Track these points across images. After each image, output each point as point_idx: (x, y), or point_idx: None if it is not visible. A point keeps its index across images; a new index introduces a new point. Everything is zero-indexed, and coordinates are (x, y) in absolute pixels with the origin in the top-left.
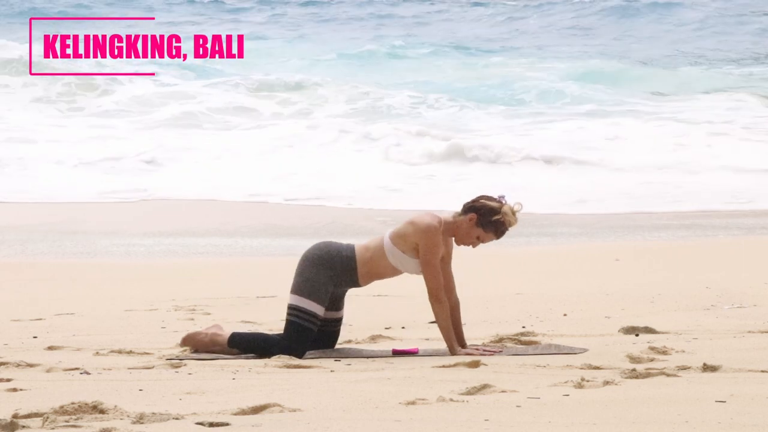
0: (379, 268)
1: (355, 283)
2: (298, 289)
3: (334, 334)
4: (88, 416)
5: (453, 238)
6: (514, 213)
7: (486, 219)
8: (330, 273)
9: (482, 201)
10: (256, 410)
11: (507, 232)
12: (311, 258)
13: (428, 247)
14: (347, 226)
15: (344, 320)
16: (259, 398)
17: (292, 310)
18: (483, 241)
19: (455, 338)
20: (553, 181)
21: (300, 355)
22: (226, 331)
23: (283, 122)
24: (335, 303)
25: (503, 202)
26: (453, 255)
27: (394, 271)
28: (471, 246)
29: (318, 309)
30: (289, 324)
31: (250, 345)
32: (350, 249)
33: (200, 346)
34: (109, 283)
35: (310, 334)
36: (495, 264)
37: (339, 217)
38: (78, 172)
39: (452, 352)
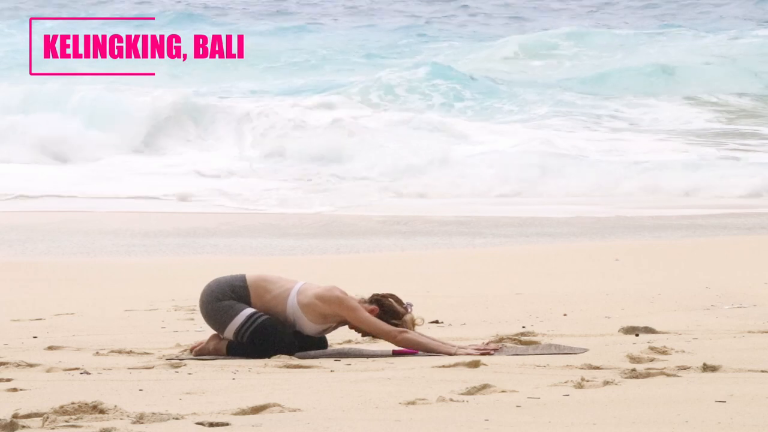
0: (274, 314)
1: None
2: (222, 323)
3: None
4: (88, 416)
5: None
6: (413, 324)
7: (385, 318)
8: (230, 297)
9: (390, 300)
10: (256, 410)
11: None
12: (207, 300)
13: (350, 309)
14: (347, 226)
15: None
16: (259, 398)
17: (238, 332)
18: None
19: (442, 343)
20: None
21: (290, 347)
22: (223, 342)
23: None
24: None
25: (408, 310)
26: (450, 254)
27: (286, 322)
28: (360, 334)
29: (250, 310)
30: (251, 339)
31: (245, 350)
32: (241, 279)
33: (205, 354)
34: (109, 283)
35: (268, 323)
36: (495, 264)
37: (339, 218)
38: None
39: (450, 354)
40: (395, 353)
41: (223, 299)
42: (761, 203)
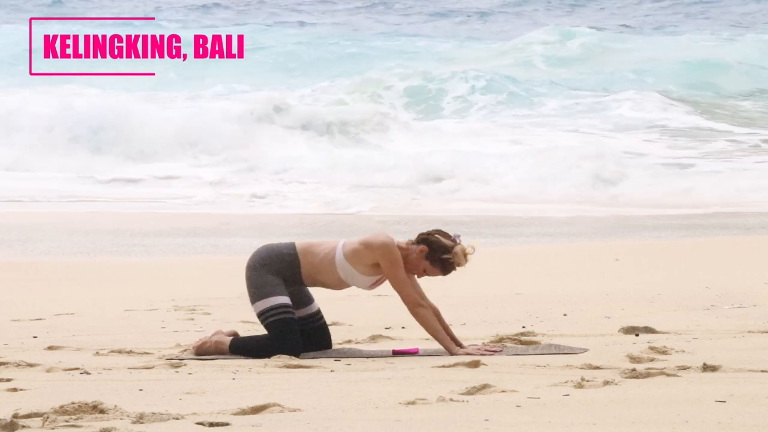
0: (326, 277)
1: (300, 282)
2: (255, 296)
3: (320, 329)
4: (88, 416)
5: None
6: (465, 255)
7: (436, 255)
8: (274, 271)
9: (437, 236)
10: (256, 410)
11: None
12: (253, 264)
13: (391, 261)
14: (347, 226)
15: (344, 320)
16: (259, 398)
17: (263, 314)
18: (428, 274)
19: (450, 338)
20: None
21: (296, 352)
22: (227, 338)
23: None
24: (300, 300)
25: (457, 241)
26: None
27: (341, 284)
28: (416, 276)
29: (283, 299)
30: (269, 327)
31: (248, 350)
32: (290, 247)
33: (207, 353)
34: (109, 283)
35: (292, 324)
36: (495, 264)
37: (339, 218)
38: None
39: (451, 352)
40: (395, 353)
41: (269, 272)
42: (762, 203)
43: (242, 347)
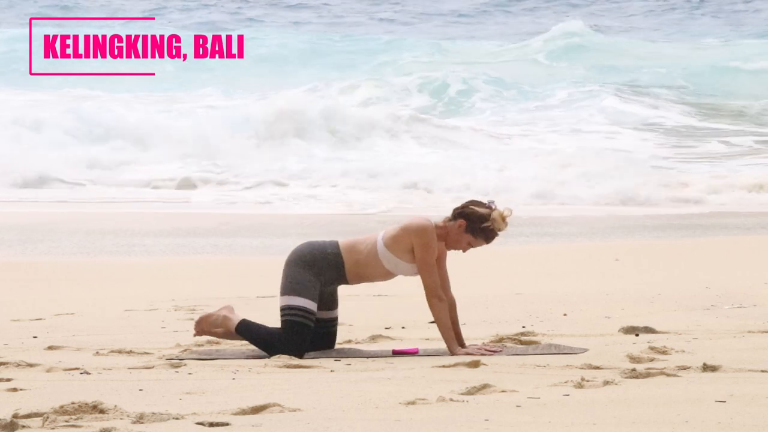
0: (372, 271)
1: (344, 281)
2: (286, 289)
3: (331, 335)
4: (88, 416)
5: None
6: (503, 219)
7: (475, 226)
8: (315, 271)
9: (471, 207)
10: (256, 410)
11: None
12: (295, 260)
13: (423, 247)
14: (347, 226)
15: (344, 320)
16: (259, 398)
17: (285, 309)
18: (473, 246)
19: (454, 338)
20: None
21: (300, 354)
22: (237, 316)
23: None
24: (327, 302)
25: (493, 207)
26: (450, 255)
27: (387, 275)
28: (462, 251)
29: (311, 305)
30: (285, 324)
31: (254, 336)
32: (334, 246)
33: (212, 326)
34: (109, 283)
35: (307, 331)
36: (495, 264)
37: (339, 218)
38: None
39: (451, 351)
40: (395, 353)
41: (310, 271)
42: (762, 202)
43: (249, 332)
